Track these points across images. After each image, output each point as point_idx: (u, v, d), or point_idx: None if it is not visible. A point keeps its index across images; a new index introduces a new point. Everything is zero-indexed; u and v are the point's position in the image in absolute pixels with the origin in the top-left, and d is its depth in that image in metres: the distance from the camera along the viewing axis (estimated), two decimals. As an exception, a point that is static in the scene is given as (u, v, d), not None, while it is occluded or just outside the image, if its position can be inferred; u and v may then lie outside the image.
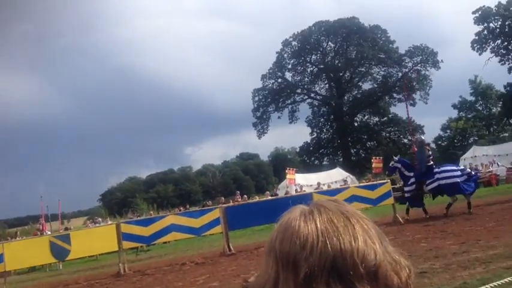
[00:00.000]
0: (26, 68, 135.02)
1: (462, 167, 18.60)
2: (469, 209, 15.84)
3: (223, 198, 29.95)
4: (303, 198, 17.24)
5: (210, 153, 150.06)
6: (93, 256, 19.05)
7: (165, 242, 18.67)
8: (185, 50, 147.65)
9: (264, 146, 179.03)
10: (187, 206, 35.22)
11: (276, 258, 0.62)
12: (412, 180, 16.80)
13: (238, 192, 31.08)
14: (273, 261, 0.63)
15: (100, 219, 31.05)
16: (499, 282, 4.77)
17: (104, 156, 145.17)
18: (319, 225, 0.65)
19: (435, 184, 16.15)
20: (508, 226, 12.02)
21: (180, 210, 26.17)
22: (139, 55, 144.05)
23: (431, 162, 16.90)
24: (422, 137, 19.41)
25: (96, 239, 14.60)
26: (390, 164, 18.13)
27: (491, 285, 4.75)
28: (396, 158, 18.02)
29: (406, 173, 17.13)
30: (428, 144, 18.51)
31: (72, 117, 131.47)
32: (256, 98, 59.30)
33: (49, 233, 21.70)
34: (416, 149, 18.39)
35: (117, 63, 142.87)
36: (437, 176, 16.23)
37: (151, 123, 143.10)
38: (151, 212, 34.99)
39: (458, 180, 15.97)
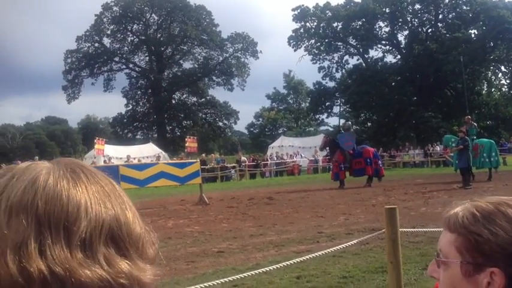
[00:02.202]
0: None
1: None
2: None
3: (19, 163, 27.25)
4: (109, 170, 16.42)
5: (11, 112, 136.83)
6: None
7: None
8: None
9: (74, 111, 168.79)
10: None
11: (38, 219, 0.60)
12: None
13: (37, 158, 28.60)
14: (31, 222, 0.60)
15: None
16: (288, 263, 4.96)
17: None
18: (90, 190, 0.64)
19: None
20: (303, 213, 12.82)
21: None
22: None
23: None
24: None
25: None
26: None
27: (280, 265, 4.90)
28: None
29: None
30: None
31: None
32: (69, 60, 55.26)
33: None
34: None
35: None
36: None
37: None
38: None
39: None
